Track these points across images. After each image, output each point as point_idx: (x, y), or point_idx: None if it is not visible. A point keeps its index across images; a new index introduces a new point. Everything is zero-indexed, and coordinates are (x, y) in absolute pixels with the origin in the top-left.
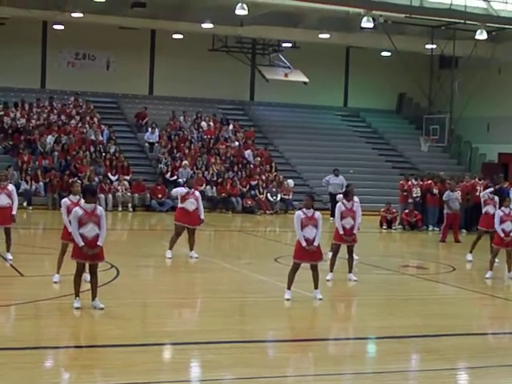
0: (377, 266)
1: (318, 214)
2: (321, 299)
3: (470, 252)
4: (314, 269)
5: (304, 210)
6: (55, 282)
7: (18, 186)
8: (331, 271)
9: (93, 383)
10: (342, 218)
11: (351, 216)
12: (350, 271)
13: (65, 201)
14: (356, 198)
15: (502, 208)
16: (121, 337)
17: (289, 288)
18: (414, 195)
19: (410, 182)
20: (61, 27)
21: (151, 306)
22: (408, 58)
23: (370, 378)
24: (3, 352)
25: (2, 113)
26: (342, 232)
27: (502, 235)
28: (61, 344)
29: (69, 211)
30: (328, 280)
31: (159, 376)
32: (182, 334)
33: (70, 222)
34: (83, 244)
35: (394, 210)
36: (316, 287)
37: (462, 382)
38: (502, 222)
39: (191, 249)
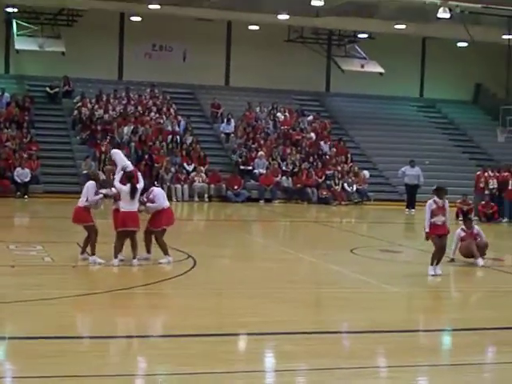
0: (449, 258)
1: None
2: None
3: None
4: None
5: (436, 199)
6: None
7: None
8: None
9: (169, 372)
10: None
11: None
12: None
13: None
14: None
15: None
16: (197, 327)
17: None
18: (491, 187)
19: (486, 174)
20: (138, 19)
21: (227, 297)
22: (484, 48)
23: (446, 370)
24: (82, 340)
25: (80, 104)
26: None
27: None
28: (138, 333)
29: None
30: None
31: (235, 366)
32: (257, 324)
33: None
34: None
35: (470, 202)
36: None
37: None
38: None
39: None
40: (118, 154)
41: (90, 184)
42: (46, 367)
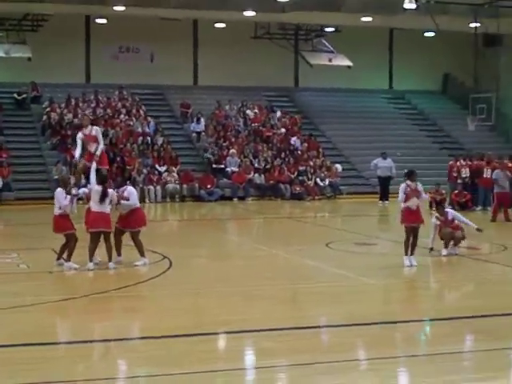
0: (428, 248)
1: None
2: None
3: None
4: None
5: (408, 182)
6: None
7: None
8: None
9: (149, 374)
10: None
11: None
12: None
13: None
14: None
15: None
16: (176, 327)
17: (406, 254)
18: (463, 175)
19: (458, 163)
20: (104, 21)
21: (204, 296)
22: (451, 37)
23: (425, 360)
24: (61, 346)
25: (48, 109)
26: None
27: None
28: (117, 337)
29: None
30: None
31: (216, 365)
32: (236, 322)
33: None
34: None
35: (443, 191)
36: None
37: None
38: None
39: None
40: (100, 133)
41: (58, 192)
42: (26, 374)
